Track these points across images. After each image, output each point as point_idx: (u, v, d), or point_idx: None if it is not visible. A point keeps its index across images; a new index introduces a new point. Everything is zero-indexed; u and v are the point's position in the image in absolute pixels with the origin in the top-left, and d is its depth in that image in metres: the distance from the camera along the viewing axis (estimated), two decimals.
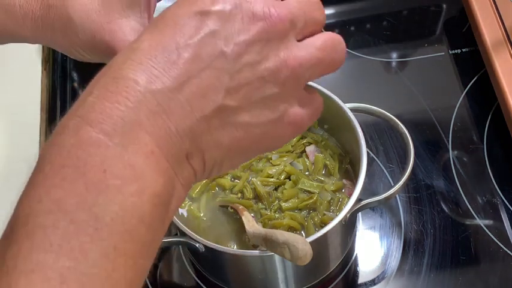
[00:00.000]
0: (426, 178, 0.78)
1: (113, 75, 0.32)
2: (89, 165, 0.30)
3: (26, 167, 0.87)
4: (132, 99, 0.31)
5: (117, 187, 0.30)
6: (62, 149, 0.30)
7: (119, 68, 0.32)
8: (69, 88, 0.92)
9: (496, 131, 0.82)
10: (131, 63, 0.32)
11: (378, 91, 0.88)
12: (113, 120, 0.30)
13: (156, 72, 0.32)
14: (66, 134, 0.31)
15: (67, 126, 0.31)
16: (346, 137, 0.70)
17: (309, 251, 0.52)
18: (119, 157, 0.30)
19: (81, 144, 0.30)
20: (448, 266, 0.71)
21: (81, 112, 0.31)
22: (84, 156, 0.30)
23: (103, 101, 0.31)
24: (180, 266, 0.73)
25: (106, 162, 0.30)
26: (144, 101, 0.31)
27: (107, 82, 0.32)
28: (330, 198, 0.68)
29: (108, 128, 0.30)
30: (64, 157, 0.30)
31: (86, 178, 0.30)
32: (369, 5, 0.99)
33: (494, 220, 0.75)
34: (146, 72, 0.32)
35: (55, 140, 0.31)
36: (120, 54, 0.34)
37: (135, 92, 0.31)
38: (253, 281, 0.68)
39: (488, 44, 0.82)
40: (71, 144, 0.30)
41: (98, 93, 0.32)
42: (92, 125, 0.30)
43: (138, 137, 0.31)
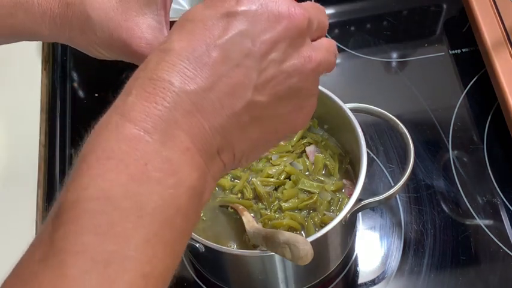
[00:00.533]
0: (426, 178, 0.78)
1: (149, 76, 0.35)
2: (131, 159, 0.33)
3: (26, 167, 0.87)
4: (168, 99, 0.34)
5: (157, 179, 0.33)
6: (107, 143, 0.33)
7: (154, 69, 0.35)
8: (69, 88, 0.92)
9: (496, 131, 0.82)
10: (165, 65, 0.35)
11: (378, 91, 0.88)
12: (152, 119, 0.33)
13: (189, 73, 0.34)
14: (109, 130, 0.34)
15: (110, 122, 0.34)
16: (346, 137, 0.70)
17: (309, 251, 0.52)
18: (158, 152, 0.33)
19: (124, 140, 0.33)
20: (448, 266, 0.72)
21: (122, 110, 0.34)
22: (127, 150, 0.33)
23: (142, 101, 0.34)
24: (180, 266, 0.73)
25: (147, 157, 0.33)
26: (179, 101, 0.34)
27: (144, 83, 0.34)
28: (330, 198, 0.68)
29: (148, 125, 0.33)
30: (109, 151, 0.33)
31: (129, 170, 0.32)
32: (369, 5, 0.99)
33: (494, 220, 0.75)
34: (180, 74, 0.34)
35: (98, 134, 0.34)
36: (153, 55, 0.36)
37: (170, 92, 0.34)
38: (253, 281, 0.68)
39: (488, 44, 0.82)
40: (114, 139, 0.33)
41: (137, 93, 0.34)
42: (133, 123, 0.33)
43: (174, 135, 0.34)
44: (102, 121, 0.35)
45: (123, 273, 0.31)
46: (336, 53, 0.42)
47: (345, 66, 0.93)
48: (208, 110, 0.35)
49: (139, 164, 0.33)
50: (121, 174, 0.32)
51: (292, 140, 0.72)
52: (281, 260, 0.62)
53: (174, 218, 0.33)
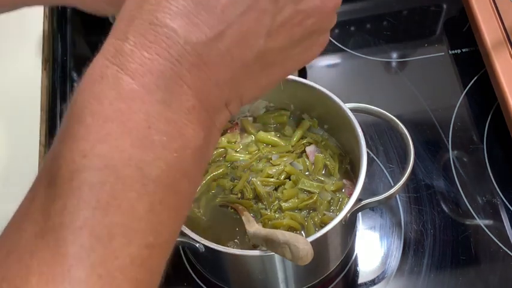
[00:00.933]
0: (426, 178, 0.78)
1: (149, 19, 0.30)
2: (133, 121, 0.29)
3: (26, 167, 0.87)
4: (173, 52, 0.30)
5: (162, 143, 0.30)
6: (104, 100, 0.29)
7: (154, 10, 0.30)
8: (69, 88, 0.92)
9: (496, 131, 0.82)
10: (167, 6, 0.30)
11: (378, 91, 0.88)
12: (155, 75, 0.29)
13: (195, 19, 0.30)
14: (105, 84, 0.30)
15: (105, 74, 0.30)
16: (346, 137, 0.70)
17: (310, 251, 0.52)
18: (163, 113, 0.30)
19: (123, 98, 0.29)
20: (448, 266, 0.72)
21: (119, 61, 0.30)
22: (127, 111, 0.29)
23: (142, 51, 0.29)
24: (180, 266, 0.73)
25: (150, 119, 0.29)
26: (184, 53, 0.30)
27: (144, 28, 0.30)
28: (330, 198, 0.68)
29: (150, 82, 0.29)
30: (107, 110, 0.29)
31: (131, 134, 0.29)
32: (369, 5, 0.99)
33: (494, 220, 0.75)
34: (185, 20, 0.30)
35: (93, 88, 0.30)
36: None
37: (175, 44, 0.30)
38: (253, 281, 0.68)
39: (488, 44, 0.82)
40: (112, 97, 0.29)
41: (136, 40, 0.30)
42: (133, 78, 0.29)
43: (179, 92, 0.30)
44: (94, 70, 0.31)
45: (127, 246, 0.29)
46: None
47: (345, 66, 0.93)
48: (216, 62, 0.31)
49: (141, 127, 0.29)
50: (122, 139, 0.29)
51: (292, 139, 0.72)
52: (281, 260, 0.62)
53: (180, 182, 0.31)
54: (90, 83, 0.30)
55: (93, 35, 1.00)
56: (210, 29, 0.30)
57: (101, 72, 0.30)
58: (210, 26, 0.30)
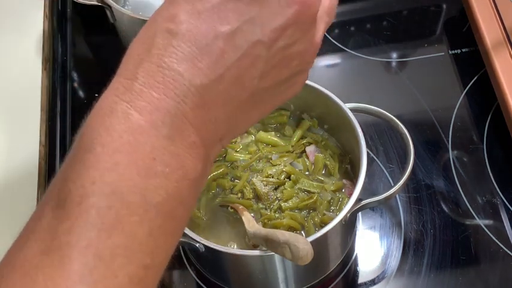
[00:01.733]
0: (426, 178, 0.78)
1: (157, 62, 0.33)
2: (140, 153, 0.32)
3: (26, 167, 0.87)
4: (178, 92, 0.32)
5: (164, 174, 0.32)
6: (113, 133, 0.32)
7: (162, 54, 0.33)
8: (69, 88, 0.92)
9: (496, 131, 0.82)
10: (174, 51, 0.33)
11: (378, 91, 0.88)
12: (162, 112, 0.32)
13: (199, 64, 0.33)
14: (115, 118, 0.32)
15: (115, 110, 0.32)
16: (346, 137, 0.70)
17: (309, 251, 0.52)
18: (166, 147, 0.32)
19: (132, 132, 0.32)
20: (448, 266, 0.72)
21: (128, 98, 0.32)
22: (135, 143, 0.32)
23: (150, 91, 0.32)
24: (180, 266, 0.73)
25: (155, 151, 0.32)
26: (189, 95, 0.33)
27: (153, 70, 0.33)
28: (330, 198, 0.68)
29: (156, 118, 0.32)
30: (116, 141, 0.31)
31: (137, 164, 0.32)
32: (369, 5, 0.99)
33: (494, 220, 0.75)
34: (190, 64, 0.33)
35: (103, 121, 0.32)
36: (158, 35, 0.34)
37: (180, 85, 0.33)
38: (253, 281, 0.68)
39: (488, 44, 0.82)
40: (122, 130, 0.32)
41: (145, 81, 0.32)
42: (141, 114, 0.32)
43: (183, 129, 0.33)
44: (104, 105, 0.33)
45: (127, 266, 0.31)
46: None
47: (345, 66, 0.93)
48: (216, 102, 0.34)
49: (147, 158, 0.32)
50: (129, 168, 0.31)
51: (292, 139, 0.72)
52: (281, 260, 0.62)
53: (177, 209, 0.34)
54: (100, 116, 0.33)
55: (93, 35, 1.00)
56: (212, 72, 0.33)
57: (111, 107, 0.33)
58: (212, 70, 0.33)
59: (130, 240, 0.31)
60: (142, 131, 0.32)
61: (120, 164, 0.31)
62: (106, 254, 0.31)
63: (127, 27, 0.86)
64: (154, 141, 0.32)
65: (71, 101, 0.90)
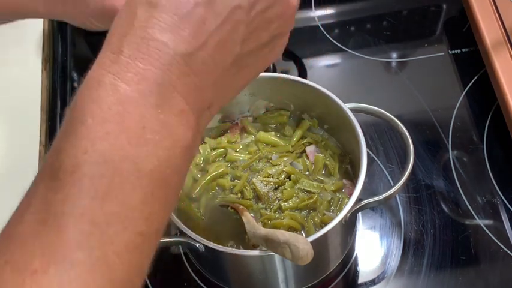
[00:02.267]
0: (426, 178, 0.78)
1: (141, 34, 0.34)
2: (129, 122, 0.33)
3: (26, 167, 0.87)
4: (164, 61, 0.33)
5: (155, 142, 0.33)
6: (103, 104, 0.32)
7: (145, 26, 0.34)
8: (69, 88, 0.92)
9: (496, 131, 0.82)
10: (156, 22, 0.34)
11: (378, 91, 0.88)
12: (148, 82, 0.33)
13: (182, 33, 0.34)
14: (103, 91, 0.33)
15: (103, 82, 0.33)
16: (346, 137, 0.70)
17: (309, 251, 0.52)
18: (155, 116, 0.33)
19: (120, 102, 0.32)
20: (448, 266, 0.72)
21: (115, 70, 0.33)
22: (124, 113, 0.32)
23: (136, 62, 0.33)
24: (180, 266, 0.73)
25: (144, 120, 0.33)
26: (175, 63, 0.34)
27: (137, 42, 0.34)
28: (330, 198, 0.68)
29: (144, 88, 0.33)
30: (105, 112, 0.32)
31: (128, 133, 0.32)
32: (369, 5, 0.99)
33: (494, 220, 0.75)
34: (173, 34, 0.34)
35: (91, 94, 0.33)
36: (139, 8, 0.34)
37: (165, 54, 0.33)
38: (253, 281, 0.68)
39: (488, 44, 0.82)
40: (111, 101, 0.32)
41: (130, 53, 0.33)
42: (129, 85, 0.33)
43: (170, 97, 0.34)
44: (92, 78, 0.34)
45: (122, 233, 0.32)
46: None
47: (345, 66, 0.93)
48: (201, 69, 0.35)
49: (137, 127, 0.33)
50: (119, 137, 0.32)
51: (292, 139, 0.72)
52: (281, 260, 0.62)
53: (170, 176, 0.34)
54: (89, 89, 0.33)
55: (93, 35, 0.99)
56: (195, 39, 0.34)
57: (99, 80, 0.33)
58: (195, 37, 0.34)
59: (124, 207, 0.32)
60: (130, 101, 0.33)
61: (110, 134, 0.32)
62: (101, 221, 0.31)
63: None
64: (143, 111, 0.33)
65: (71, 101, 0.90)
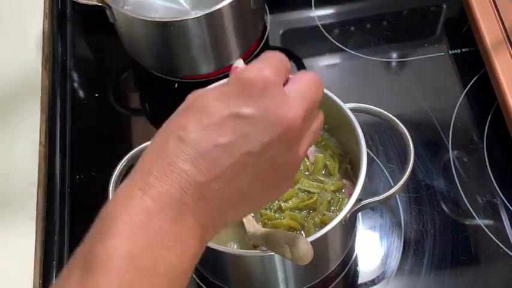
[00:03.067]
0: (426, 178, 0.78)
1: (168, 161, 0.42)
2: (151, 229, 0.40)
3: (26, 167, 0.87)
4: (182, 186, 0.41)
5: (169, 248, 0.41)
6: (132, 213, 0.41)
7: (172, 155, 0.42)
8: (69, 88, 0.92)
9: (496, 131, 0.82)
10: (181, 154, 0.42)
11: (378, 91, 0.88)
12: (168, 200, 0.41)
13: (200, 166, 0.42)
14: (134, 202, 0.41)
15: (134, 195, 0.41)
16: (346, 137, 0.70)
17: (310, 251, 0.52)
18: (171, 227, 0.41)
19: (145, 213, 0.41)
20: (448, 266, 0.72)
21: (144, 187, 0.41)
22: (147, 221, 0.40)
23: (161, 183, 0.41)
24: None
25: (162, 229, 0.41)
26: (191, 189, 0.41)
27: (164, 168, 0.42)
28: (330, 198, 0.68)
29: (164, 204, 0.41)
30: (133, 219, 0.40)
31: (149, 238, 0.40)
32: (369, 5, 0.99)
33: (494, 220, 0.75)
34: (193, 165, 0.42)
35: (124, 203, 0.41)
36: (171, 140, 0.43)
37: (184, 180, 0.41)
38: (253, 281, 0.68)
39: (488, 44, 0.82)
40: (138, 211, 0.41)
41: (157, 175, 0.41)
42: (153, 200, 0.41)
43: (184, 214, 0.42)
44: (125, 191, 0.42)
45: None
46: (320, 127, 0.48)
47: (345, 66, 0.93)
48: (212, 197, 0.42)
49: (156, 234, 0.40)
50: (143, 241, 0.40)
51: None
52: (281, 260, 0.62)
53: (179, 277, 0.42)
54: (122, 199, 0.42)
55: (93, 35, 1.00)
56: (209, 173, 0.42)
57: (131, 193, 0.41)
58: (210, 171, 0.42)
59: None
60: (153, 213, 0.41)
61: (136, 237, 0.40)
62: None
63: (127, 27, 0.86)
64: (162, 222, 0.41)
65: (71, 101, 0.91)
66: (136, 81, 0.95)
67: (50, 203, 0.78)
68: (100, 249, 0.39)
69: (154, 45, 0.85)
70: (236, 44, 0.88)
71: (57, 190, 0.80)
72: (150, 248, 0.40)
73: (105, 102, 0.91)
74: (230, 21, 0.83)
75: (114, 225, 0.40)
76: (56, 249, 0.75)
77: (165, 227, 0.41)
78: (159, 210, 0.41)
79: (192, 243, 0.43)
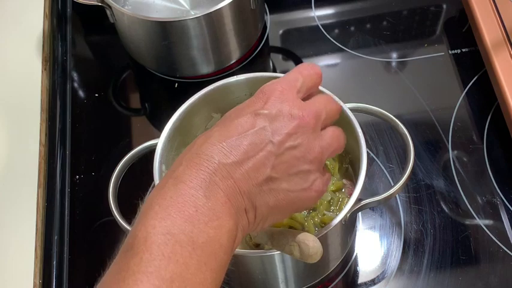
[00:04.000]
0: (426, 178, 0.78)
1: (196, 151, 0.47)
2: (185, 206, 0.44)
3: (26, 167, 0.87)
4: (211, 167, 0.46)
5: (205, 221, 0.44)
6: (166, 197, 0.45)
7: (200, 147, 0.48)
8: (69, 88, 0.92)
9: (496, 131, 0.82)
10: (208, 145, 0.47)
11: (378, 91, 0.88)
12: (199, 181, 0.45)
13: (225, 151, 0.47)
14: (167, 188, 0.45)
15: (167, 184, 0.46)
16: (346, 137, 0.70)
17: (319, 249, 0.52)
18: (205, 202, 0.45)
19: (179, 195, 0.45)
20: (448, 266, 0.72)
21: (175, 175, 0.46)
22: (181, 200, 0.44)
23: (191, 169, 0.46)
24: None
25: (196, 206, 0.44)
26: (219, 169, 0.46)
27: (192, 156, 0.47)
28: (330, 198, 0.68)
29: (195, 185, 0.45)
30: (168, 201, 0.44)
31: (184, 214, 0.44)
32: (368, 5, 0.99)
33: (494, 220, 0.75)
34: (219, 151, 0.47)
35: (159, 191, 0.45)
36: (199, 138, 0.49)
37: (212, 164, 0.46)
38: (253, 281, 0.68)
39: (488, 44, 0.82)
40: (172, 194, 0.45)
41: (186, 163, 0.46)
42: (185, 183, 0.45)
43: (216, 192, 0.45)
44: (160, 183, 0.47)
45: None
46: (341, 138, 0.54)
47: (345, 66, 0.93)
48: (239, 178, 0.47)
49: (191, 210, 0.44)
50: (178, 218, 0.43)
51: None
52: (281, 260, 0.62)
53: (218, 251, 0.44)
54: (157, 189, 0.46)
55: (93, 35, 1.00)
56: (236, 157, 0.47)
57: (164, 183, 0.46)
58: (236, 156, 0.47)
59: (184, 269, 0.42)
60: (186, 193, 0.45)
61: (171, 215, 0.43)
62: (167, 277, 0.41)
63: (127, 27, 0.86)
64: (195, 199, 0.44)
65: (71, 101, 0.91)
66: (137, 81, 0.95)
67: (50, 203, 0.78)
68: (141, 230, 0.43)
69: (154, 45, 0.85)
70: (236, 44, 0.88)
71: (57, 190, 0.80)
72: (186, 223, 0.43)
73: (105, 102, 0.91)
74: (230, 21, 0.83)
75: (151, 210, 0.44)
76: (56, 249, 0.75)
77: (199, 203, 0.44)
78: (191, 191, 0.45)
79: (227, 218, 0.45)
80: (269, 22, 0.97)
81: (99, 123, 0.89)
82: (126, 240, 0.44)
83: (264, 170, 0.48)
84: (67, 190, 0.81)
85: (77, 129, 0.88)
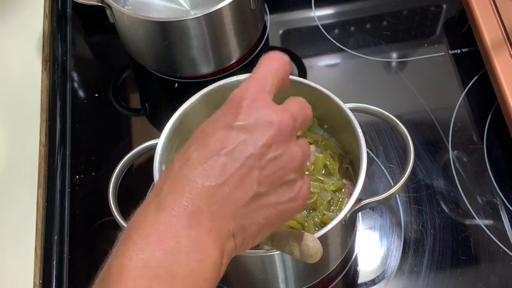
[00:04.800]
0: (426, 178, 0.78)
1: (176, 175, 0.45)
2: (166, 237, 0.41)
3: (26, 167, 0.87)
4: (193, 192, 0.43)
5: (187, 253, 0.41)
6: (147, 225, 0.42)
7: (180, 170, 0.45)
8: (69, 88, 0.92)
9: (496, 131, 0.82)
10: (188, 168, 0.44)
11: (378, 91, 0.88)
12: (181, 208, 0.43)
13: (208, 174, 0.44)
14: (148, 214, 0.43)
15: (148, 210, 0.43)
16: (346, 137, 0.70)
17: (320, 249, 0.52)
18: (188, 233, 0.42)
19: (160, 223, 0.42)
20: (448, 266, 0.72)
21: (158, 201, 0.43)
22: (162, 230, 0.42)
23: (173, 195, 0.43)
24: None
25: (178, 236, 0.42)
26: (202, 194, 0.43)
27: (173, 180, 0.44)
28: (330, 198, 0.68)
29: (177, 213, 0.42)
30: (147, 230, 0.42)
31: (164, 245, 0.41)
32: (368, 5, 0.99)
33: (494, 220, 0.75)
34: (201, 174, 0.44)
35: (139, 218, 0.44)
36: (176, 161, 0.46)
37: (194, 188, 0.43)
38: (253, 281, 0.68)
39: (488, 44, 0.82)
40: (152, 222, 0.42)
41: (168, 188, 0.44)
42: (166, 211, 0.42)
43: (199, 219, 0.43)
44: (142, 207, 0.44)
45: None
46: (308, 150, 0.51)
47: (345, 66, 0.93)
48: (223, 201, 0.44)
49: (172, 241, 0.41)
50: (157, 249, 0.41)
51: None
52: (281, 260, 0.62)
53: (201, 285, 0.42)
54: (137, 215, 0.44)
55: (93, 35, 1.00)
56: (218, 178, 0.44)
57: (146, 209, 0.44)
58: (218, 177, 0.44)
59: None
60: (167, 222, 0.42)
61: (150, 245, 0.41)
62: None
63: (127, 27, 0.86)
64: (177, 229, 0.42)
65: (71, 101, 0.91)
66: (137, 81, 0.95)
67: (50, 203, 0.78)
68: (117, 262, 0.41)
69: (154, 45, 0.85)
70: (236, 44, 0.88)
71: (57, 190, 0.80)
72: (166, 255, 0.41)
73: (105, 102, 0.91)
74: (230, 21, 0.83)
75: (129, 240, 0.42)
76: (56, 249, 0.75)
77: (181, 233, 0.42)
78: (173, 219, 0.42)
79: (211, 249, 0.43)
80: (269, 22, 0.97)
81: (99, 123, 0.89)
82: (102, 269, 0.42)
83: (251, 187, 0.45)
84: (67, 190, 0.81)
85: (77, 129, 0.88)
